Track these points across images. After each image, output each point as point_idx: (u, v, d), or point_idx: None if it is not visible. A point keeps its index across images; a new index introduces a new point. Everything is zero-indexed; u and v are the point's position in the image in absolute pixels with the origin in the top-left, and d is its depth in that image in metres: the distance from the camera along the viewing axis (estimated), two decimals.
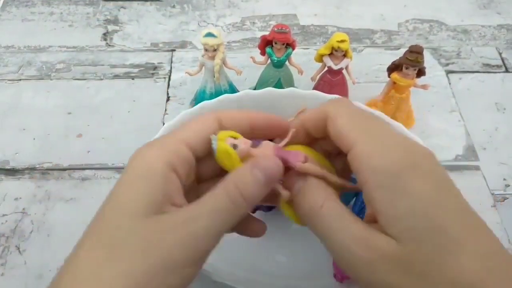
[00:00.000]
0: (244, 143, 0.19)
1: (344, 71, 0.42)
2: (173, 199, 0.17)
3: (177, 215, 0.17)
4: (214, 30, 0.38)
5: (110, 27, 0.54)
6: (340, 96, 0.21)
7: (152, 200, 0.17)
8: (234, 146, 0.19)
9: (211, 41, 0.38)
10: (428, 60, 0.49)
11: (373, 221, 0.18)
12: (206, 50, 0.39)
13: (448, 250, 0.16)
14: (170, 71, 0.49)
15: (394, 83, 0.40)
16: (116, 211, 0.17)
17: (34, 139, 0.43)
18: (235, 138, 0.20)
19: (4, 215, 0.38)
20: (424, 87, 0.41)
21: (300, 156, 0.20)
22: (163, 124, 0.44)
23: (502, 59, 0.51)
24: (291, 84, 0.43)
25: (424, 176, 0.17)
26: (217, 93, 0.42)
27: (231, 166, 0.19)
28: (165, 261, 0.16)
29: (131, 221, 0.16)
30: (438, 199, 0.17)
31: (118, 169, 0.41)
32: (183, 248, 0.16)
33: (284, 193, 0.19)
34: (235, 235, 0.27)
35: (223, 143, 0.19)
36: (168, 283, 0.16)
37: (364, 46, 0.52)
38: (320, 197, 0.19)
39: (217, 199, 0.17)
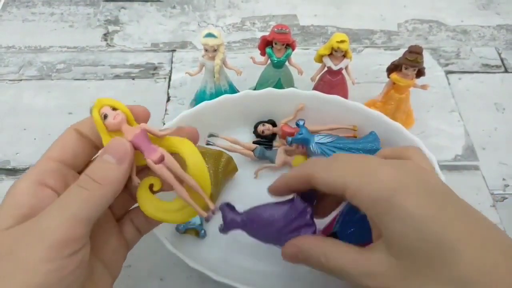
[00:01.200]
0: (115, 117, 0.20)
1: (343, 72, 0.42)
2: (47, 206, 0.19)
3: (37, 217, 0.18)
4: (214, 31, 0.38)
5: (111, 28, 0.54)
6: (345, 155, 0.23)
7: (15, 214, 0.18)
8: (105, 116, 0.20)
9: (211, 41, 0.38)
10: (428, 60, 0.49)
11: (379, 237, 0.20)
12: (206, 50, 0.39)
13: (443, 260, 0.17)
14: (171, 72, 0.49)
15: (394, 83, 0.40)
16: None
17: (34, 139, 0.43)
18: (114, 108, 0.21)
19: None
20: (423, 87, 0.41)
21: (154, 153, 0.21)
22: (164, 124, 0.44)
23: (502, 60, 0.51)
24: (291, 84, 0.43)
25: (414, 194, 0.19)
26: (217, 94, 0.42)
27: (102, 137, 0.21)
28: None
29: None
30: (431, 212, 0.18)
31: None
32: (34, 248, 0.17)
33: (134, 179, 0.21)
34: (235, 235, 0.27)
35: (96, 110, 0.21)
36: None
37: (363, 47, 0.52)
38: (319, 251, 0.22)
39: (68, 190, 0.19)
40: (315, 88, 0.43)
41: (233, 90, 0.43)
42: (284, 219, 0.24)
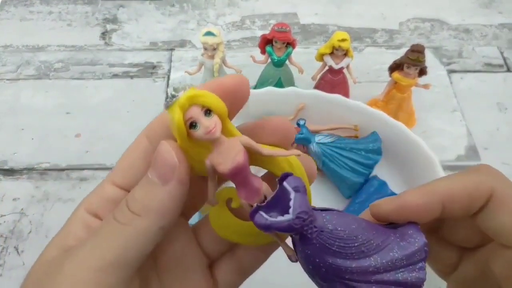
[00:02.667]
0: (211, 130, 0.14)
1: (345, 71, 0.41)
2: None
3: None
4: (213, 29, 0.38)
5: (109, 26, 0.53)
6: (484, 165, 0.16)
7: (61, 245, 0.15)
8: (192, 124, 0.14)
9: (210, 40, 0.38)
10: (430, 59, 0.48)
11: None
12: (205, 49, 0.39)
13: None
14: (170, 71, 0.49)
15: (396, 82, 0.40)
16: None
17: (32, 139, 0.43)
18: (208, 110, 0.14)
19: (2, 215, 0.37)
20: (425, 86, 0.40)
21: (255, 194, 0.15)
22: None
23: (504, 59, 0.50)
24: (291, 83, 0.42)
25: None
26: None
27: (179, 141, 0.14)
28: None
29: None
30: None
31: None
32: None
33: (211, 199, 0.15)
34: None
35: (179, 113, 0.13)
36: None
37: (365, 45, 0.52)
38: None
39: (101, 224, 0.15)
40: (316, 87, 0.42)
41: None
42: (389, 253, 0.14)
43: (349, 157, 0.36)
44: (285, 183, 0.13)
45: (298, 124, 0.38)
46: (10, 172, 0.40)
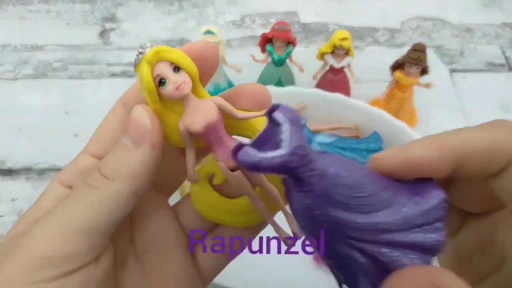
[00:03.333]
0: (181, 86, 0.13)
1: (346, 70, 0.41)
2: None
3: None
4: (213, 28, 0.38)
5: (108, 25, 0.53)
6: (503, 121, 0.13)
7: (34, 219, 0.14)
8: (161, 81, 0.13)
9: (210, 38, 0.38)
10: (431, 58, 0.48)
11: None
12: None
13: None
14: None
15: (397, 81, 0.40)
16: None
17: (30, 139, 0.42)
18: (176, 67, 0.13)
19: (0, 216, 0.37)
20: (427, 86, 0.40)
21: (227, 152, 0.13)
22: None
23: (506, 58, 0.50)
24: (292, 82, 0.42)
25: None
26: (216, 92, 0.41)
27: (150, 103, 0.14)
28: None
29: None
30: None
31: None
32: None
33: (191, 174, 0.14)
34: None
35: (147, 69, 0.13)
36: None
37: (366, 44, 0.51)
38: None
39: (72, 190, 0.14)
40: (316, 87, 0.42)
41: None
42: (401, 209, 0.11)
43: (350, 157, 0.36)
44: (276, 114, 0.11)
45: None
46: (8, 172, 0.40)
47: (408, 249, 0.11)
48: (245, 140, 0.13)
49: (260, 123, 0.14)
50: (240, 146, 0.11)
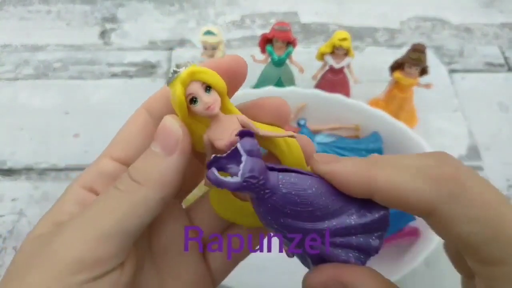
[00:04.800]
0: (211, 106, 0.14)
1: (345, 70, 0.41)
2: None
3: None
4: (213, 28, 0.38)
5: (108, 26, 0.53)
6: (449, 161, 0.14)
7: (55, 221, 0.15)
8: (192, 100, 0.14)
9: (210, 39, 0.38)
10: (431, 59, 0.48)
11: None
12: (205, 48, 0.39)
13: None
14: (169, 70, 0.48)
15: (397, 82, 0.40)
16: None
17: (31, 139, 0.42)
18: (209, 86, 0.14)
19: (1, 216, 0.37)
20: (427, 86, 0.40)
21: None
22: None
23: (505, 58, 0.50)
24: (291, 82, 0.42)
25: (470, 203, 0.13)
26: None
27: (180, 116, 0.14)
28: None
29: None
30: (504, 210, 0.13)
31: None
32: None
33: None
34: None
35: (180, 88, 0.14)
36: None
37: (366, 45, 0.51)
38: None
39: (100, 195, 0.15)
40: (316, 87, 0.42)
41: None
42: (345, 220, 0.14)
43: (350, 157, 0.36)
44: (238, 145, 0.13)
45: (298, 124, 0.38)
46: (8, 172, 0.40)
47: (348, 248, 0.14)
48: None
49: (279, 140, 0.15)
50: (213, 161, 0.14)
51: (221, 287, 0.29)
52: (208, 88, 0.14)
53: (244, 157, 0.13)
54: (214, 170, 0.13)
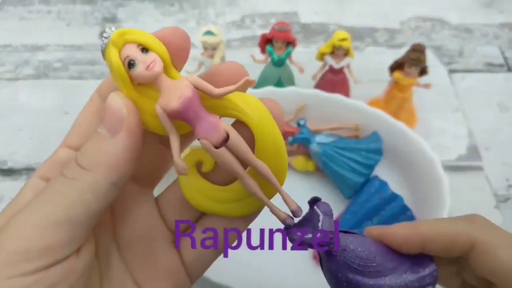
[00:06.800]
0: (151, 65, 0.13)
1: (345, 70, 0.41)
2: None
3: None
4: (213, 29, 0.38)
5: (108, 26, 0.53)
6: (479, 215, 0.16)
7: (13, 214, 0.14)
8: (130, 63, 0.13)
9: (210, 39, 0.38)
10: (431, 59, 0.48)
11: None
12: (205, 48, 0.39)
13: None
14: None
15: (396, 82, 0.40)
16: None
17: (31, 139, 0.42)
18: (144, 48, 0.13)
19: None
20: (426, 86, 0.40)
21: (214, 129, 0.13)
22: None
23: (505, 58, 0.50)
24: (291, 83, 0.42)
25: (505, 233, 0.15)
26: None
27: (124, 90, 0.13)
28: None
29: None
30: None
31: None
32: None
33: (178, 163, 0.13)
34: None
35: (115, 52, 0.13)
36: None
37: (366, 45, 0.51)
38: None
39: (49, 182, 0.14)
40: (316, 87, 0.42)
41: None
42: (402, 275, 0.16)
43: (350, 157, 0.36)
44: (315, 207, 0.15)
45: (298, 124, 0.38)
46: (9, 172, 0.40)
47: None
48: (228, 120, 0.14)
49: (240, 98, 0.14)
50: (288, 228, 0.15)
51: (220, 286, 0.29)
52: (144, 50, 0.13)
53: (321, 216, 0.15)
54: (297, 232, 0.15)
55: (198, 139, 0.14)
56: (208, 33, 0.38)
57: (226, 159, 0.14)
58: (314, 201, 0.15)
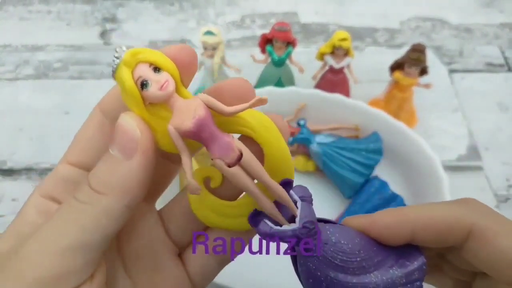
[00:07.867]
0: (164, 85, 0.13)
1: (345, 70, 0.41)
2: None
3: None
4: (213, 29, 0.38)
5: (108, 26, 0.53)
6: (471, 198, 0.15)
7: (20, 233, 0.14)
8: (143, 84, 0.13)
9: (210, 39, 0.38)
10: (431, 59, 0.48)
11: None
12: (205, 48, 0.39)
13: None
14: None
15: (397, 82, 0.40)
16: None
17: (31, 139, 0.42)
18: (157, 68, 0.13)
19: (1, 216, 0.37)
20: (426, 86, 0.40)
21: (228, 149, 0.13)
22: None
23: (505, 58, 0.50)
24: (291, 83, 0.42)
25: (504, 220, 0.14)
26: None
27: (136, 110, 0.13)
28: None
29: None
30: None
31: None
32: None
33: (191, 181, 0.13)
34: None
35: (127, 72, 0.13)
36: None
37: (366, 45, 0.51)
38: None
39: (61, 207, 0.14)
40: (316, 87, 0.42)
41: None
42: (389, 270, 0.14)
43: (350, 157, 0.36)
44: (292, 192, 0.13)
45: (298, 124, 0.38)
46: (9, 172, 0.40)
47: None
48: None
49: (250, 115, 0.14)
50: (256, 214, 0.13)
51: (221, 287, 0.29)
52: (157, 69, 0.13)
53: (299, 203, 0.13)
54: (267, 222, 0.13)
55: (212, 159, 0.13)
56: (208, 33, 0.38)
57: (240, 179, 0.13)
58: (286, 184, 0.13)
